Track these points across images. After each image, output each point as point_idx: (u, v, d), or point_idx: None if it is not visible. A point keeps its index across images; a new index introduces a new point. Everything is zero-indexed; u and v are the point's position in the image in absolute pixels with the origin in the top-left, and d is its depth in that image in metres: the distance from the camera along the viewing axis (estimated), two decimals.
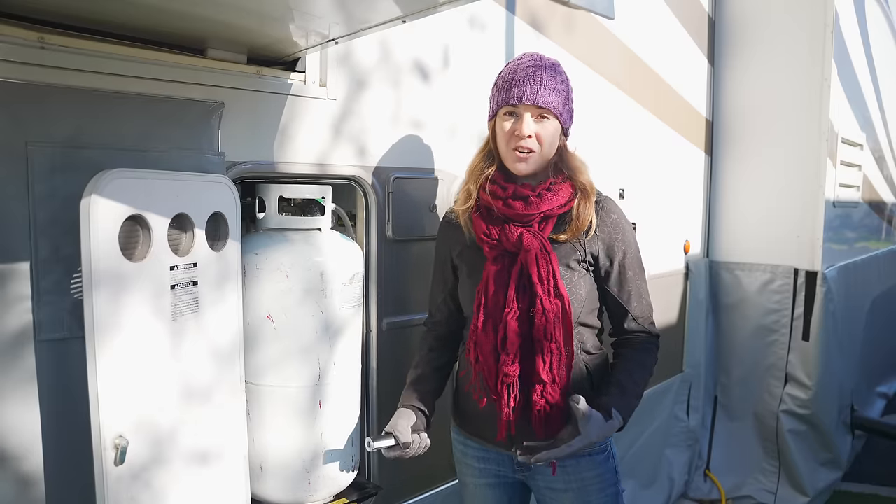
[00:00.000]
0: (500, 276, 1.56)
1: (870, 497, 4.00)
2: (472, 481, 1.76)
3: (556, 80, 1.58)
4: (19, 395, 1.29)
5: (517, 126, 1.56)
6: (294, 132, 1.72)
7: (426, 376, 1.75)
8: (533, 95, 1.53)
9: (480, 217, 1.62)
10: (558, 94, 1.57)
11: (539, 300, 1.52)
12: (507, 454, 1.70)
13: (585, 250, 1.60)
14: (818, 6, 3.48)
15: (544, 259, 1.53)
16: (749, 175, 3.78)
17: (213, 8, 1.29)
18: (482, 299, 1.57)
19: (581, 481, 1.65)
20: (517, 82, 1.56)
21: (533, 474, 1.70)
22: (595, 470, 1.66)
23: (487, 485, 1.75)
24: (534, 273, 1.52)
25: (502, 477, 1.74)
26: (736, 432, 3.91)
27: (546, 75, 1.56)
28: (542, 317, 1.51)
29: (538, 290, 1.52)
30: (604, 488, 1.66)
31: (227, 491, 1.54)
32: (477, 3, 1.59)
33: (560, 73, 1.60)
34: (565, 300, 1.53)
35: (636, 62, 3.10)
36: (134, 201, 1.28)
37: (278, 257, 1.63)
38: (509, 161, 1.61)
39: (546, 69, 1.57)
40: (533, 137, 1.56)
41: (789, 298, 3.64)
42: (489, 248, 1.59)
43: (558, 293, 1.53)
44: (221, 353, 1.50)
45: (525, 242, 1.54)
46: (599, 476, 1.66)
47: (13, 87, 1.24)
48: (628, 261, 1.63)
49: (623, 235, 1.63)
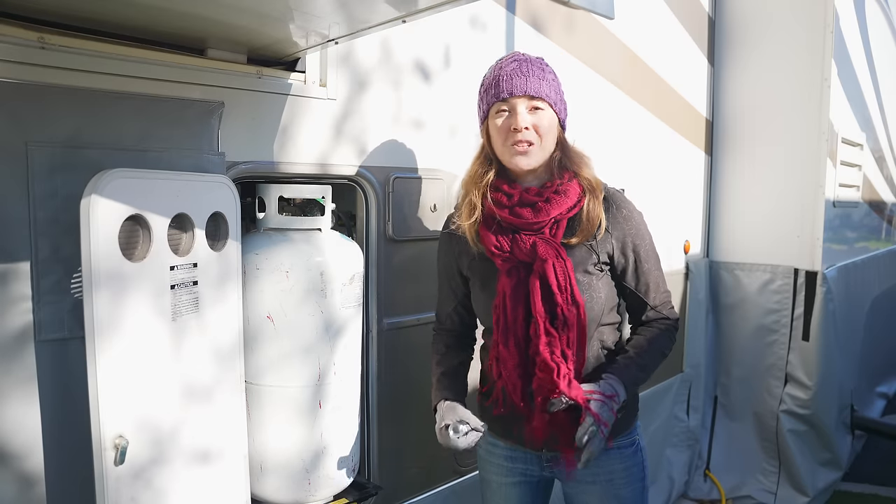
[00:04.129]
0: (517, 290, 1.53)
1: (870, 497, 3.99)
2: (497, 479, 1.75)
3: (545, 70, 1.56)
4: (19, 395, 1.29)
5: (512, 120, 1.51)
6: (294, 132, 1.72)
7: (451, 372, 1.71)
8: (523, 86, 1.50)
9: (488, 229, 1.57)
10: (549, 83, 1.54)
11: (560, 309, 1.50)
12: (535, 454, 1.67)
13: (600, 252, 1.57)
14: (818, 6, 3.48)
15: (562, 267, 1.50)
16: (749, 175, 3.78)
17: (213, 8, 1.29)
18: (500, 316, 1.54)
19: (609, 474, 1.63)
20: (505, 77, 1.52)
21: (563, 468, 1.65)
22: (623, 463, 1.64)
23: (513, 483, 1.73)
24: (552, 283, 1.49)
25: (529, 475, 1.72)
26: (736, 432, 3.90)
27: (533, 67, 1.54)
28: (563, 326, 1.50)
29: (558, 299, 1.49)
30: (631, 482, 1.64)
31: (228, 491, 1.54)
32: (477, 4, 1.59)
33: (546, 65, 1.58)
34: (581, 307, 1.51)
35: (636, 62, 3.10)
36: (134, 201, 1.28)
37: (278, 257, 1.63)
38: (508, 158, 1.54)
39: (531, 62, 1.55)
40: (530, 129, 1.51)
41: (789, 298, 3.64)
42: (502, 260, 1.54)
43: (575, 300, 1.50)
44: (221, 353, 1.50)
45: (540, 252, 1.50)
46: (627, 469, 1.64)
47: (13, 87, 1.24)
48: (643, 253, 1.61)
49: (636, 229, 1.60)
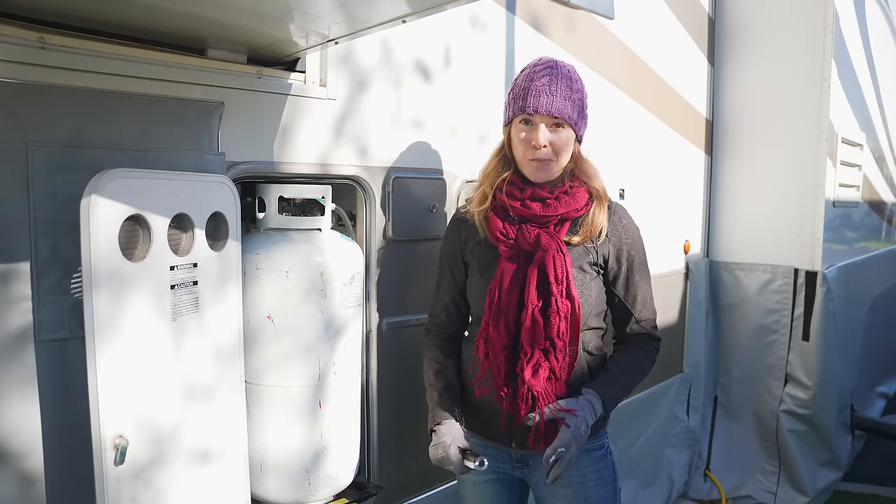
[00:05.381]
0: (515, 276, 1.59)
1: (870, 497, 4.00)
2: (472, 477, 1.76)
3: (572, 88, 1.60)
4: (19, 395, 1.28)
5: (533, 136, 1.58)
6: (294, 132, 1.72)
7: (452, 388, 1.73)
8: (548, 106, 1.56)
9: (497, 216, 1.64)
10: (573, 103, 1.59)
11: (554, 299, 1.56)
12: (506, 451, 1.71)
13: (597, 253, 1.64)
14: (818, 6, 3.48)
15: (561, 260, 1.57)
16: (749, 175, 3.78)
17: (213, 8, 1.29)
18: (495, 296, 1.60)
19: (581, 476, 1.67)
20: (533, 92, 1.57)
21: (531, 470, 1.71)
22: (593, 465, 1.68)
23: (487, 481, 1.75)
24: (550, 273, 1.56)
25: (502, 473, 1.74)
26: (736, 432, 3.91)
27: (562, 84, 1.58)
28: (555, 315, 1.55)
29: (553, 289, 1.56)
30: (602, 484, 1.68)
31: (228, 491, 1.54)
32: (477, 4, 1.59)
33: (575, 81, 1.62)
34: (575, 301, 1.57)
35: (636, 62, 3.10)
36: (134, 201, 1.28)
37: (278, 257, 1.63)
38: (527, 169, 1.63)
39: (562, 77, 1.59)
40: (548, 147, 1.58)
41: (789, 298, 3.64)
42: (505, 246, 1.61)
43: (570, 294, 1.57)
44: (222, 353, 1.50)
45: (543, 242, 1.58)
46: (597, 472, 1.68)
47: (13, 87, 1.24)
48: (636, 265, 1.68)
49: (632, 240, 1.68)
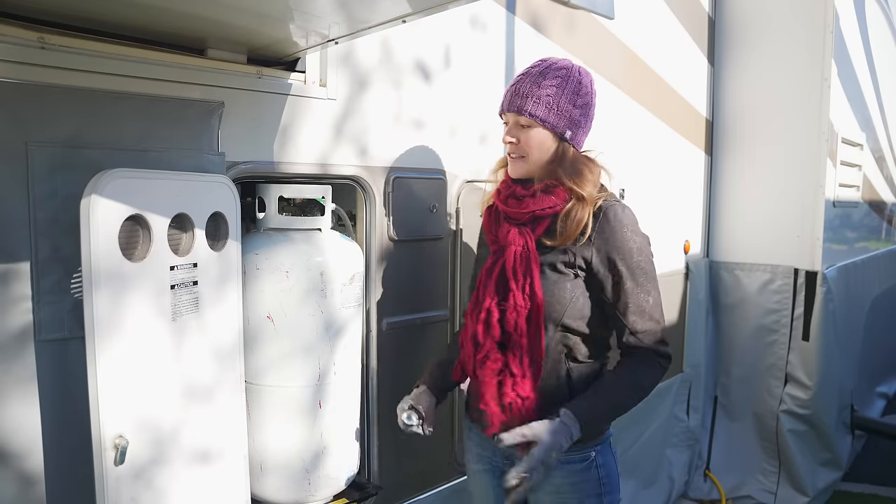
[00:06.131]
0: (490, 270, 1.62)
1: (870, 497, 4.00)
2: (473, 466, 1.80)
3: (543, 86, 1.57)
4: (19, 395, 1.29)
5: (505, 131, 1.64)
6: (294, 132, 1.72)
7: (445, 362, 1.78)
8: (509, 105, 1.60)
9: (488, 215, 1.71)
10: (544, 103, 1.56)
11: (511, 295, 1.56)
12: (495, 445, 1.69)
13: (576, 255, 1.56)
14: (818, 6, 3.48)
15: (523, 256, 1.57)
16: (749, 175, 3.78)
17: (213, 8, 1.29)
18: (476, 291, 1.65)
19: (554, 486, 1.62)
20: (508, 91, 1.62)
21: None
22: (570, 478, 1.61)
23: (483, 470, 1.77)
24: (508, 268, 1.57)
25: (493, 464, 1.74)
26: (736, 432, 3.91)
27: (533, 85, 1.57)
28: (512, 311, 1.56)
29: (511, 285, 1.56)
30: (582, 498, 1.62)
31: (228, 491, 1.54)
32: (477, 4, 1.59)
33: (550, 82, 1.58)
34: (537, 299, 1.54)
35: (636, 62, 3.10)
36: (134, 201, 1.28)
37: (278, 257, 1.63)
38: (508, 166, 1.69)
39: (533, 79, 1.58)
40: (516, 143, 1.61)
41: (789, 298, 3.64)
42: (491, 243, 1.67)
43: (532, 292, 1.55)
44: (222, 353, 1.50)
45: (509, 238, 1.60)
46: (575, 485, 1.62)
47: (13, 87, 1.24)
48: (625, 271, 1.55)
49: (621, 244, 1.55)
